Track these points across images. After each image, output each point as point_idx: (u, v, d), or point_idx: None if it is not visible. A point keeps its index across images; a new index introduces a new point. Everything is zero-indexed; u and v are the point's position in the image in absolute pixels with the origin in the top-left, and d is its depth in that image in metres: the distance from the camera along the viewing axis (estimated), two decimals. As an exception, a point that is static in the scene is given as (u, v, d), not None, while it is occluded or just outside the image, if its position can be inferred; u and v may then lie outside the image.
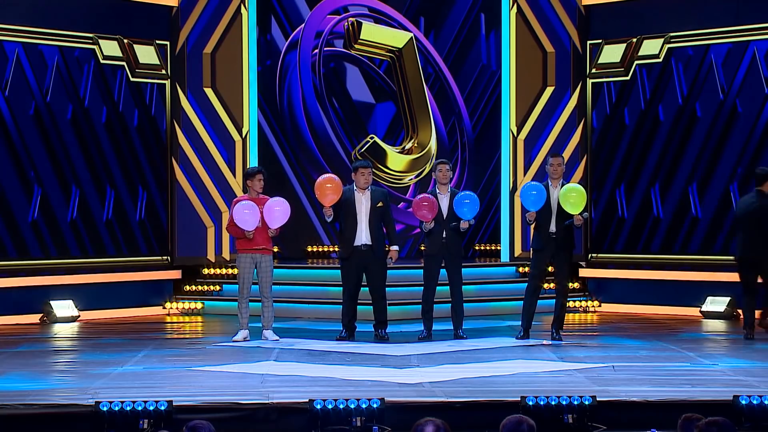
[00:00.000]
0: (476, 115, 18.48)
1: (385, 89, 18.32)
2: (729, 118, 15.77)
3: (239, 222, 12.63)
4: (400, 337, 13.09)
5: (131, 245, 16.23)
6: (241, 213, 12.64)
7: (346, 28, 17.70)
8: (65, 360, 11.91)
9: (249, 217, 12.61)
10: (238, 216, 12.63)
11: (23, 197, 15.19)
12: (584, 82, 17.07)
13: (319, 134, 17.56)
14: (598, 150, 16.99)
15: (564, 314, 12.97)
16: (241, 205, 12.74)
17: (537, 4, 17.04)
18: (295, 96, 17.52)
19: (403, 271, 15.22)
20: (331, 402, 8.50)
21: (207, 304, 16.26)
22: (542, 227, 12.71)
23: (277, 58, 17.58)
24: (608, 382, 9.79)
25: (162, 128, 16.53)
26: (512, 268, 16.87)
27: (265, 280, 12.88)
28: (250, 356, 11.73)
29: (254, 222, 12.63)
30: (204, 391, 9.45)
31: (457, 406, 8.79)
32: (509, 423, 5.66)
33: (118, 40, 16.06)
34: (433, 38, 18.58)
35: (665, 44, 16.30)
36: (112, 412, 8.37)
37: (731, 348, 12.94)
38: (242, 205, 12.74)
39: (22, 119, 15.19)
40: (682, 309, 15.81)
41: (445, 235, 12.92)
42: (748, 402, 8.67)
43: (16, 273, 15.11)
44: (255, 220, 12.64)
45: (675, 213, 16.25)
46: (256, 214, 12.64)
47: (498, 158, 17.41)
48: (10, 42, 15.08)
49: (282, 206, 12.72)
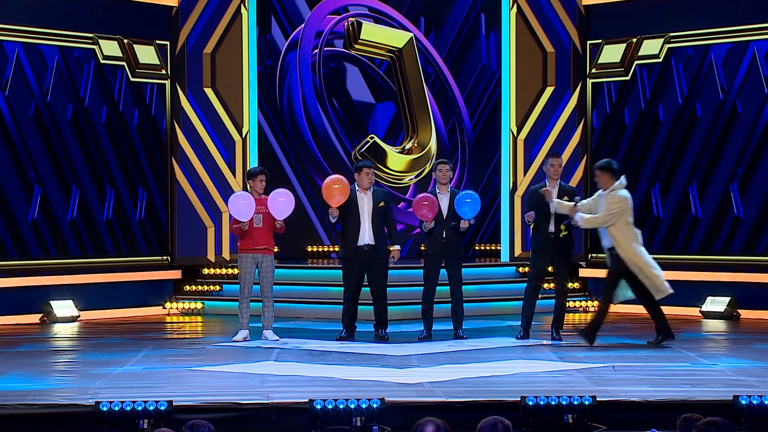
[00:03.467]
0: (476, 115, 18.48)
1: (385, 89, 18.32)
2: (729, 118, 15.77)
3: (234, 212, 12.61)
4: (400, 337, 13.09)
5: (131, 245, 16.23)
6: (236, 203, 12.61)
7: (346, 28, 17.70)
8: (65, 360, 11.92)
9: (244, 208, 12.58)
10: (233, 206, 12.61)
11: (23, 197, 15.20)
12: (584, 82, 17.07)
13: (319, 134, 17.56)
14: (598, 150, 16.98)
15: (564, 314, 12.98)
16: (236, 195, 12.76)
17: (537, 4, 17.04)
18: (295, 96, 17.52)
19: (403, 271, 15.21)
20: (331, 402, 8.51)
21: (207, 304, 16.26)
22: (541, 227, 12.72)
23: (277, 58, 17.58)
24: (608, 382, 9.80)
25: (162, 128, 16.54)
26: (512, 268, 16.87)
27: (267, 280, 12.88)
28: (250, 356, 11.74)
29: (248, 213, 12.60)
30: (204, 391, 9.45)
31: (457, 406, 8.79)
32: (485, 425, 5.76)
33: (118, 40, 16.06)
34: (433, 38, 18.58)
35: (665, 44, 16.30)
36: (112, 412, 8.37)
37: (731, 348, 12.96)
38: (237, 195, 12.76)
39: (22, 119, 15.19)
40: (682, 309, 15.79)
41: (445, 234, 12.92)
42: (748, 402, 8.67)
43: (16, 273, 15.11)
44: (249, 212, 12.60)
45: (675, 213, 16.26)
46: (251, 206, 12.61)
47: (498, 158, 17.41)
48: (10, 42, 15.08)
49: (286, 197, 12.70)
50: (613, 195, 12.26)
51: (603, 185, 12.37)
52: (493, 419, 5.80)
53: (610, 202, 12.25)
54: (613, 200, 12.24)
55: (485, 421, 5.79)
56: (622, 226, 12.23)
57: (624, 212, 12.24)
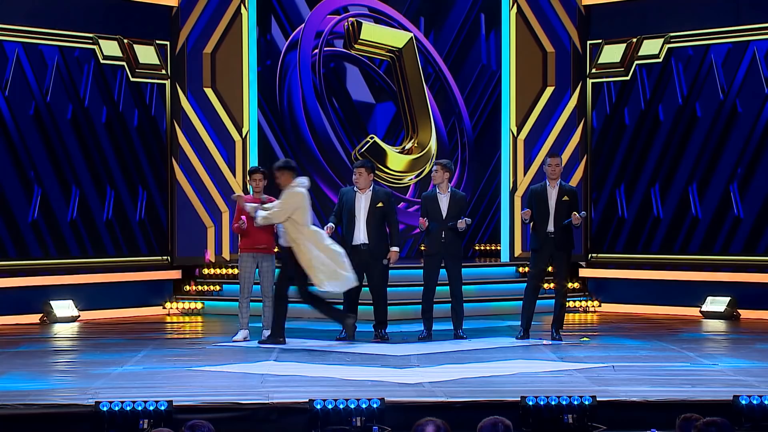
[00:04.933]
0: (476, 115, 18.48)
1: (385, 89, 18.33)
2: (729, 118, 15.77)
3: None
4: (400, 337, 13.09)
5: (131, 245, 16.23)
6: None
7: (346, 28, 17.69)
8: (65, 360, 11.92)
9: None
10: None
11: (23, 197, 15.20)
12: (584, 82, 17.07)
13: (319, 134, 17.56)
14: (598, 150, 16.99)
15: (563, 314, 12.98)
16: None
17: (537, 4, 17.04)
18: (295, 96, 17.52)
19: (403, 271, 15.21)
20: (331, 402, 8.50)
21: (207, 304, 16.26)
22: (540, 227, 12.72)
23: (277, 58, 17.58)
24: (608, 382, 9.79)
25: (162, 128, 16.54)
26: (512, 268, 16.87)
27: (267, 280, 12.87)
28: (250, 356, 11.73)
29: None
30: (204, 391, 9.45)
31: (457, 406, 8.79)
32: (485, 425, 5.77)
33: (118, 40, 16.06)
34: (433, 38, 18.59)
35: (665, 44, 16.30)
36: (112, 412, 8.37)
37: (731, 348, 12.96)
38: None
39: (22, 119, 15.19)
40: (682, 309, 15.81)
41: (444, 234, 12.92)
42: (748, 402, 8.66)
43: (16, 273, 15.10)
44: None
45: (675, 213, 16.26)
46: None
47: (498, 158, 17.42)
48: (10, 42, 15.08)
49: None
50: (287, 191, 12.38)
51: (284, 184, 12.44)
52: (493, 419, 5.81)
53: (285, 197, 12.35)
54: (289, 196, 12.33)
55: (485, 421, 5.80)
56: (298, 225, 12.28)
57: (299, 208, 12.28)
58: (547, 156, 13.19)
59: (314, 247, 12.31)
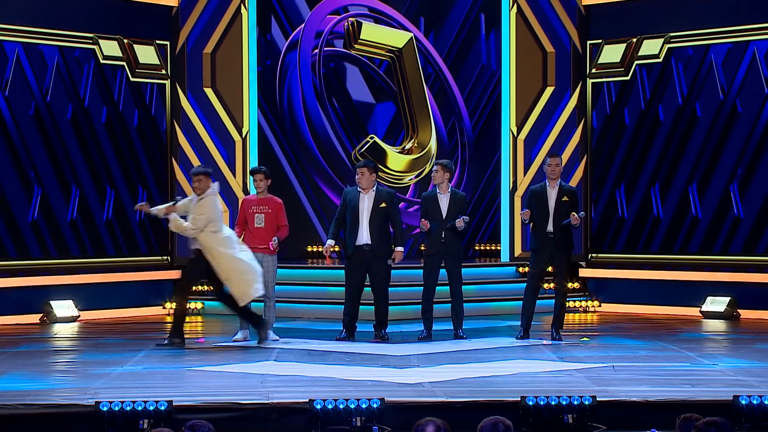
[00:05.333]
0: (476, 115, 18.48)
1: (385, 89, 18.33)
2: (729, 118, 15.77)
3: None
4: (400, 337, 13.09)
5: (131, 245, 16.23)
6: None
7: (346, 28, 17.70)
8: (65, 360, 11.91)
9: None
10: None
11: (23, 197, 15.20)
12: (584, 82, 17.07)
13: (319, 134, 17.56)
14: (598, 150, 16.99)
15: (563, 314, 12.98)
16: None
17: (537, 4, 17.04)
18: (295, 96, 17.52)
19: (403, 271, 15.19)
20: (331, 402, 8.51)
21: (207, 304, 16.24)
22: (540, 227, 12.73)
23: (277, 58, 17.58)
24: (608, 382, 9.80)
25: (162, 128, 16.54)
26: (512, 268, 16.86)
27: (269, 280, 12.85)
28: (250, 356, 11.73)
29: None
30: (204, 391, 9.45)
31: (457, 406, 8.79)
32: (485, 425, 5.78)
33: (118, 40, 16.06)
34: (433, 38, 18.59)
35: (665, 44, 16.30)
36: (112, 412, 8.37)
37: (731, 348, 12.96)
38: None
39: (22, 119, 15.19)
40: (682, 309, 15.81)
41: (444, 235, 12.92)
42: (748, 402, 8.67)
43: (16, 273, 15.10)
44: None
45: (675, 213, 16.26)
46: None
47: (498, 158, 17.41)
48: (10, 42, 15.08)
49: None
50: (203, 201, 12.30)
51: (202, 189, 12.34)
52: (494, 419, 5.81)
53: (198, 208, 12.28)
54: (202, 207, 12.27)
55: (485, 421, 5.81)
56: (212, 233, 12.25)
57: (212, 220, 12.25)
58: (547, 156, 13.19)
59: (231, 253, 12.27)
